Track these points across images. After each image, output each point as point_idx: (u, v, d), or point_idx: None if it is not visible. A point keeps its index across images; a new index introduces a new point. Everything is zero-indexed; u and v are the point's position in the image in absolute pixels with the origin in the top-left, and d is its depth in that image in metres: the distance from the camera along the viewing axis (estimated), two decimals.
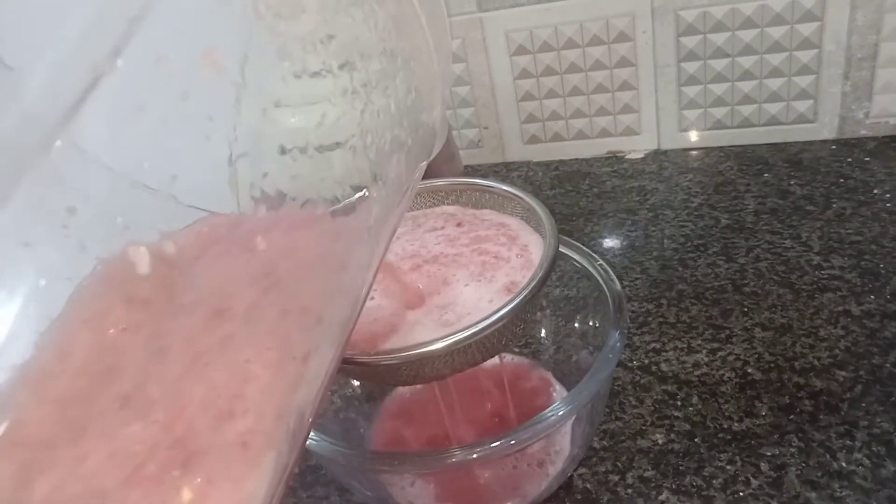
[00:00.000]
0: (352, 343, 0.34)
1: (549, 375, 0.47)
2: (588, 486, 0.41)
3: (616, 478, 0.41)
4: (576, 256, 0.43)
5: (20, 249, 0.13)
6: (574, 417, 0.37)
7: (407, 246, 0.40)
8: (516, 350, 0.49)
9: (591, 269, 0.42)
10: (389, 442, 0.45)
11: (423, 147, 0.30)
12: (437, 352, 0.31)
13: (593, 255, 0.42)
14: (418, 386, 0.48)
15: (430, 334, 0.31)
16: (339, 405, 0.47)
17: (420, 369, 0.32)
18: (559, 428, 0.38)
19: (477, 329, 0.31)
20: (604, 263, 0.41)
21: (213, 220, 0.18)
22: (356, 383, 0.48)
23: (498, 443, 0.34)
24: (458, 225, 0.39)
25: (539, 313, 0.48)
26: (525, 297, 0.32)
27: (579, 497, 0.41)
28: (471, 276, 0.34)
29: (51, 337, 0.13)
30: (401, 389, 0.49)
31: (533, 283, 0.32)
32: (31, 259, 0.13)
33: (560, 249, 0.44)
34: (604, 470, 0.42)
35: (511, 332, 0.34)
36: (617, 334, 0.37)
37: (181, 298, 0.16)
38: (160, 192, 0.15)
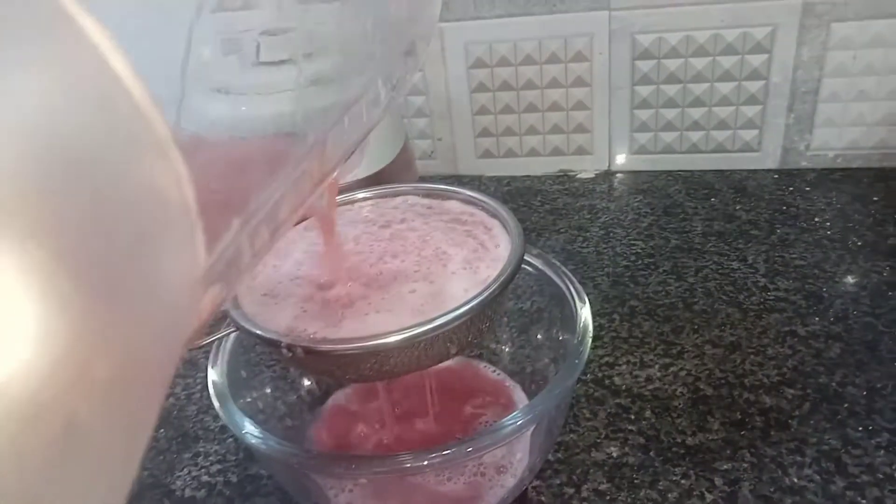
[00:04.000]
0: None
1: (511, 383, 0.46)
2: (543, 499, 0.40)
3: (571, 490, 0.41)
4: (539, 265, 0.42)
5: None
6: (534, 427, 0.36)
7: (367, 214, 0.38)
8: (477, 355, 0.48)
9: (555, 277, 0.41)
10: (333, 446, 0.43)
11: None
12: (394, 343, 0.29)
13: (557, 263, 0.42)
14: (365, 388, 0.47)
15: (400, 322, 0.29)
16: (283, 411, 0.45)
17: (384, 362, 0.31)
18: (518, 438, 0.37)
19: (443, 321, 0.30)
20: (568, 272, 0.41)
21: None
22: (306, 383, 0.46)
23: (453, 449, 0.32)
24: (429, 207, 0.38)
25: (497, 321, 0.47)
26: (493, 291, 0.31)
27: None
28: (463, 262, 0.33)
29: None
30: (346, 393, 0.47)
31: (503, 278, 0.31)
32: None
33: (525, 257, 0.43)
34: (559, 482, 0.41)
35: (477, 328, 0.33)
36: (580, 343, 0.36)
37: None
38: None
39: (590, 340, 0.36)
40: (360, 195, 0.42)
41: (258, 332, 0.31)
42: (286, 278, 0.34)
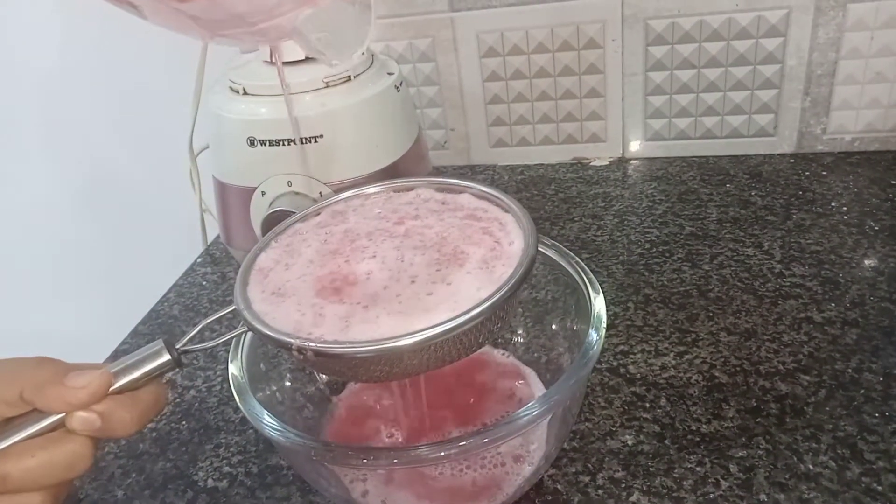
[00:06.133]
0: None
1: (528, 372, 0.46)
2: (559, 486, 0.41)
3: (587, 479, 0.41)
4: (553, 255, 0.43)
5: None
6: (550, 416, 0.37)
7: (380, 211, 0.38)
8: (497, 346, 0.49)
9: (568, 268, 0.41)
10: (350, 437, 0.44)
11: None
12: (405, 347, 0.29)
13: (570, 253, 0.42)
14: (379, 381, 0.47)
15: (412, 325, 0.30)
16: (301, 403, 0.45)
17: (395, 364, 0.31)
18: (535, 427, 0.37)
19: (454, 325, 0.29)
20: (581, 262, 0.41)
21: None
22: (324, 376, 0.47)
23: (469, 441, 0.32)
24: (442, 203, 0.38)
25: (508, 320, 0.48)
26: (505, 294, 0.31)
27: (550, 498, 0.40)
28: (480, 261, 0.33)
29: None
30: (362, 385, 0.47)
31: (513, 281, 0.31)
32: None
33: (539, 249, 0.43)
34: (574, 471, 0.42)
35: (489, 329, 0.33)
36: (595, 334, 0.37)
37: None
38: None
39: (604, 330, 0.37)
40: (372, 189, 0.42)
41: (270, 333, 0.31)
42: (296, 277, 0.35)
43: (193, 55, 0.60)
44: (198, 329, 0.34)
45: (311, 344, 0.30)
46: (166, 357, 0.32)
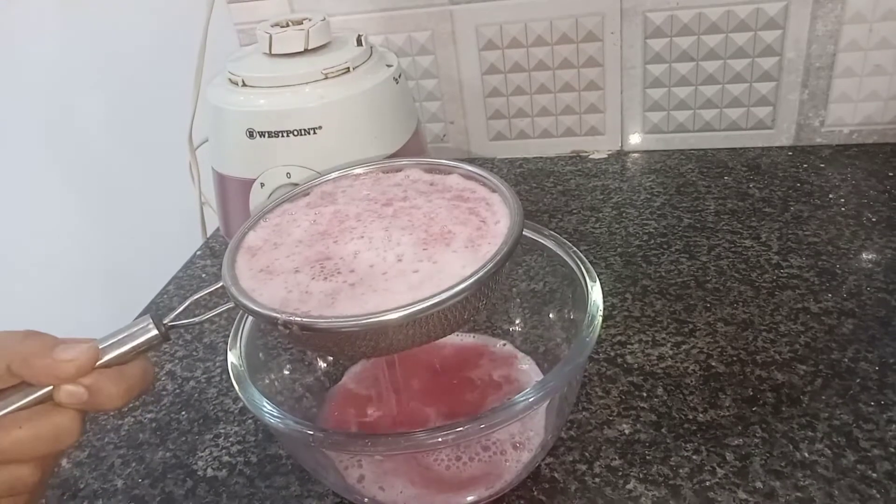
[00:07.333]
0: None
1: (526, 361, 0.46)
2: (556, 475, 0.41)
3: (584, 467, 0.41)
4: (551, 246, 0.43)
5: None
6: (547, 403, 0.37)
7: (365, 191, 0.38)
8: (491, 334, 0.49)
9: (566, 258, 0.41)
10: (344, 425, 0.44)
11: None
12: (389, 321, 0.29)
13: (567, 243, 0.42)
14: (376, 371, 0.47)
15: (395, 300, 0.30)
16: (300, 393, 0.46)
17: (380, 339, 0.31)
18: (532, 414, 0.38)
19: (438, 300, 0.30)
20: (578, 252, 0.41)
21: None
22: (322, 365, 0.47)
23: (466, 426, 0.33)
24: (431, 184, 0.38)
25: (511, 301, 0.48)
26: (489, 270, 0.31)
27: (547, 486, 0.40)
28: (466, 240, 0.33)
29: None
30: (357, 375, 0.48)
31: (499, 257, 0.32)
32: None
33: (536, 239, 0.43)
34: (571, 459, 0.42)
35: (474, 306, 0.33)
36: (591, 321, 0.37)
37: None
38: None
39: (600, 318, 0.37)
40: (360, 170, 0.42)
41: (256, 308, 0.32)
42: (284, 256, 0.35)
43: (193, 48, 0.60)
44: (186, 304, 0.34)
45: (297, 318, 0.30)
46: (154, 332, 0.33)
